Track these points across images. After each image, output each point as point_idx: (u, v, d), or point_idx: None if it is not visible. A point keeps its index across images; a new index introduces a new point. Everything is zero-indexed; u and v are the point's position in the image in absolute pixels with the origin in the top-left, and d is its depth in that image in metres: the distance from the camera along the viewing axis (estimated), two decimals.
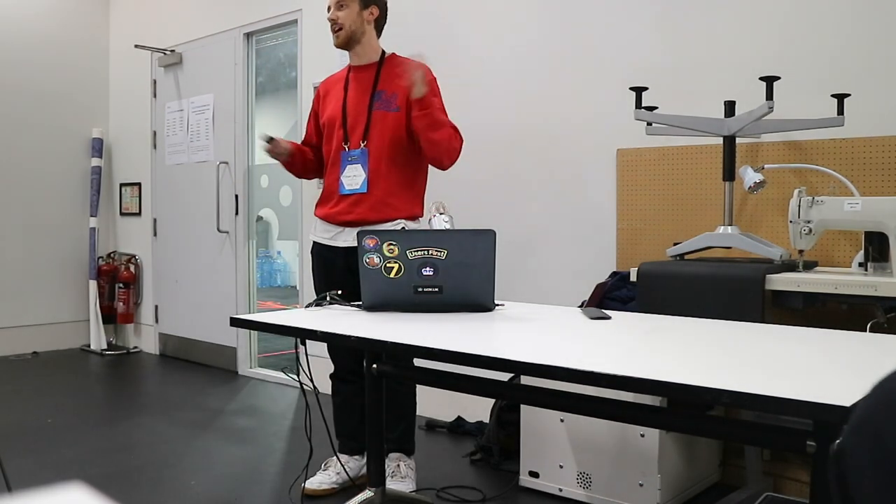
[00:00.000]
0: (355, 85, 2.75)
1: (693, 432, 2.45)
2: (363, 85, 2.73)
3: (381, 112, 2.68)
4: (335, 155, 2.74)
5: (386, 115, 2.67)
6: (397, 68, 2.72)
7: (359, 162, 2.67)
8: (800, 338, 1.65)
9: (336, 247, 2.74)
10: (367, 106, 2.69)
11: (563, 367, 1.34)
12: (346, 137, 2.71)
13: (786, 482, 2.72)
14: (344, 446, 2.87)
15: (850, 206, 2.31)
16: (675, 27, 3.08)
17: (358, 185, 2.67)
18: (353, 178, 2.68)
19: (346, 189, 2.69)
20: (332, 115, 2.76)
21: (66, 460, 3.16)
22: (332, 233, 2.75)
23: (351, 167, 2.69)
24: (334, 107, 2.76)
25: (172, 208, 5.55)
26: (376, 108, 2.69)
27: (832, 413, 1.06)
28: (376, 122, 2.67)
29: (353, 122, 2.70)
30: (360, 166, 2.67)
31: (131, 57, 5.72)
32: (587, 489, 2.66)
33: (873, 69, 2.61)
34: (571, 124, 3.39)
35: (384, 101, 2.69)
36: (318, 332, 1.82)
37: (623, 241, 3.20)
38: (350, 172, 2.69)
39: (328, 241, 2.76)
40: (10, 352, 5.50)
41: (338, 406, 2.88)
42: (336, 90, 2.80)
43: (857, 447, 0.58)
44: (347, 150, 2.70)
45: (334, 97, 2.79)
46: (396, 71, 2.70)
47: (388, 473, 2.68)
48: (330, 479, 2.79)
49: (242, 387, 4.63)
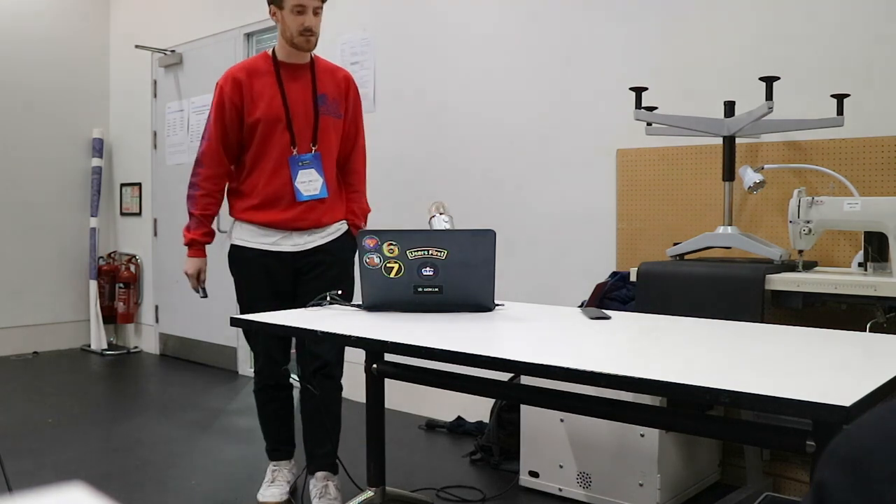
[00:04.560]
0: (293, 85, 2.59)
1: (693, 432, 2.45)
2: (301, 85, 2.61)
3: (329, 118, 2.63)
4: (279, 158, 2.57)
5: (332, 122, 2.64)
6: (329, 71, 2.69)
7: (312, 167, 2.59)
8: (800, 338, 1.65)
9: (281, 252, 2.61)
10: (314, 109, 2.60)
11: (563, 367, 1.34)
12: (293, 141, 2.57)
13: (786, 482, 2.72)
14: (281, 453, 2.80)
15: (850, 206, 2.31)
16: (675, 27, 3.08)
17: (317, 190, 2.59)
18: (309, 184, 2.59)
19: (305, 195, 2.58)
20: (270, 114, 2.56)
21: (66, 460, 3.16)
22: (274, 237, 2.60)
23: (304, 172, 2.58)
24: (272, 104, 2.56)
25: (173, 208, 5.54)
26: (323, 112, 2.62)
27: (832, 413, 1.06)
28: (324, 127, 2.61)
29: (301, 124, 2.58)
30: (315, 171, 2.59)
31: (131, 57, 5.72)
32: (587, 489, 2.66)
33: (873, 69, 2.61)
34: (571, 124, 3.39)
35: (329, 106, 2.64)
36: (318, 332, 1.83)
37: (623, 241, 3.20)
38: (305, 178, 2.58)
39: (269, 246, 2.61)
40: (10, 352, 5.50)
41: (274, 413, 2.77)
42: (264, 84, 2.58)
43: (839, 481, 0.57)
44: (297, 155, 2.57)
45: (267, 93, 2.57)
46: (330, 74, 2.68)
47: (315, 495, 2.62)
48: (282, 490, 2.73)
49: (242, 387, 4.63)
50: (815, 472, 0.59)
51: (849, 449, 0.57)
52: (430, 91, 3.90)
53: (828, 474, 0.57)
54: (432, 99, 3.89)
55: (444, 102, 3.81)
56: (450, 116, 3.80)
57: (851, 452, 0.56)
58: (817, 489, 0.57)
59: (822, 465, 0.58)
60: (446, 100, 3.81)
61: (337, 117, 2.66)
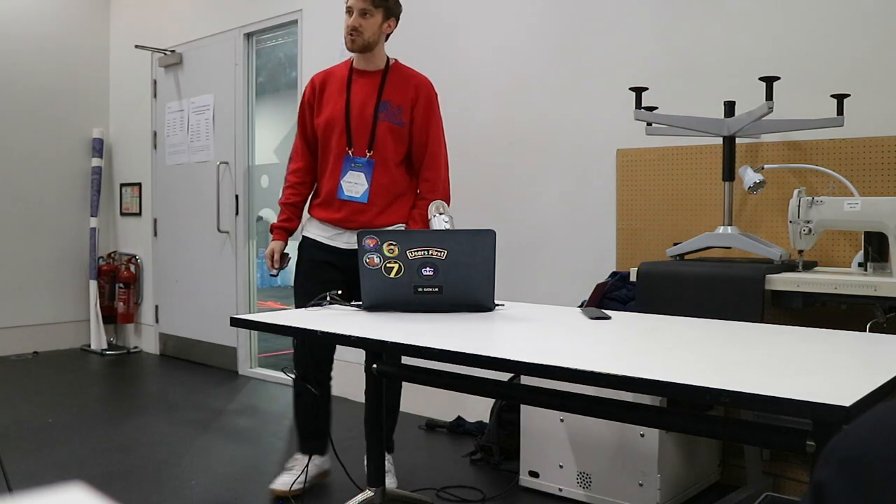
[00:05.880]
0: (359, 89, 2.72)
1: (693, 432, 2.44)
2: (367, 90, 2.71)
3: (387, 124, 2.68)
4: (336, 158, 2.71)
5: (391, 128, 2.68)
6: (402, 78, 2.74)
7: (363, 171, 2.67)
8: (799, 338, 1.65)
9: (334, 247, 2.75)
10: (373, 115, 2.68)
11: (564, 367, 1.34)
12: (349, 142, 2.69)
13: (786, 482, 2.72)
14: (308, 446, 2.85)
15: (850, 206, 2.31)
16: (675, 27, 3.08)
17: (359, 193, 2.68)
18: (353, 185, 2.68)
19: (346, 195, 2.69)
20: (332, 116, 2.71)
21: (66, 460, 3.16)
22: (331, 233, 2.76)
23: (354, 174, 2.68)
24: (335, 107, 2.72)
25: (173, 208, 5.55)
26: (381, 118, 2.68)
27: (832, 413, 1.06)
28: (381, 133, 2.67)
29: (358, 128, 2.68)
30: (364, 175, 2.67)
31: (131, 57, 5.72)
32: (587, 489, 2.66)
33: (873, 69, 2.61)
34: (571, 124, 3.39)
35: (390, 113, 2.69)
36: (318, 332, 1.83)
37: (623, 241, 3.20)
38: (352, 178, 2.68)
39: (327, 240, 2.76)
40: (10, 352, 5.51)
41: (303, 408, 2.87)
42: (336, 89, 2.75)
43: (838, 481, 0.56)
44: (352, 156, 2.69)
45: (334, 96, 2.74)
46: (402, 81, 2.73)
47: None
48: (294, 479, 2.77)
49: (242, 387, 4.63)
50: (814, 472, 0.58)
51: (847, 449, 0.57)
52: None
53: (826, 474, 0.57)
54: None
55: (444, 102, 3.80)
56: (449, 116, 3.79)
57: (850, 452, 0.56)
58: (816, 489, 0.57)
59: (820, 464, 0.58)
60: (446, 100, 3.80)
61: (398, 125, 2.70)
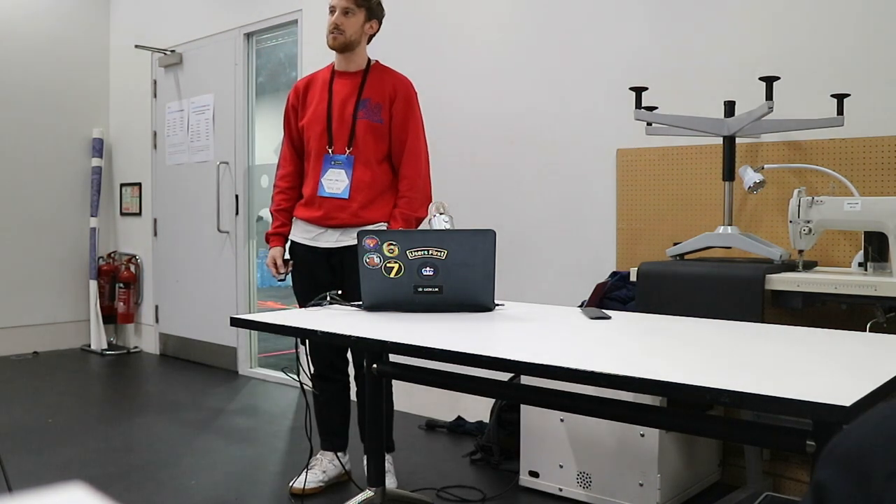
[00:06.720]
0: (340, 89, 2.75)
1: (693, 432, 2.45)
2: (348, 90, 2.74)
3: (366, 121, 2.70)
4: (317, 157, 2.74)
5: (370, 125, 2.70)
6: (382, 77, 2.77)
7: (343, 168, 2.70)
8: (800, 338, 1.65)
9: (317, 247, 2.76)
10: (352, 113, 2.71)
11: (564, 367, 1.34)
12: (330, 141, 2.72)
13: (786, 482, 2.73)
14: (328, 444, 2.89)
15: (850, 206, 2.31)
16: (675, 27, 3.08)
17: (339, 190, 2.69)
18: (334, 182, 2.70)
19: (326, 192, 2.71)
20: (314, 117, 2.75)
21: (66, 460, 3.16)
22: (313, 233, 2.77)
23: (334, 171, 2.71)
24: (317, 109, 2.76)
25: (173, 208, 5.55)
26: (361, 116, 2.70)
27: (832, 413, 1.06)
28: (361, 130, 2.70)
29: (338, 126, 2.71)
30: (344, 172, 2.70)
31: (131, 57, 5.72)
32: (587, 489, 2.66)
33: (873, 69, 2.61)
34: (571, 124, 3.39)
35: (369, 110, 2.71)
36: (318, 332, 1.83)
37: (623, 241, 3.20)
38: (332, 176, 2.71)
39: (308, 241, 2.78)
40: (10, 352, 5.50)
41: (321, 405, 2.90)
42: (318, 91, 2.79)
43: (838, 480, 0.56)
44: (332, 154, 2.71)
45: (317, 98, 2.78)
46: (381, 80, 2.76)
47: None
48: (316, 478, 2.80)
49: (242, 387, 4.63)
50: (814, 472, 0.58)
51: (848, 448, 0.57)
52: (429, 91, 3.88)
53: (827, 474, 0.57)
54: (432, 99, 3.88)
55: (444, 102, 3.80)
56: (450, 116, 3.80)
57: (850, 452, 0.56)
58: (816, 489, 0.57)
59: (821, 464, 0.58)
60: (446, 100, 3.81)
61: (377, 122, 2.72)
